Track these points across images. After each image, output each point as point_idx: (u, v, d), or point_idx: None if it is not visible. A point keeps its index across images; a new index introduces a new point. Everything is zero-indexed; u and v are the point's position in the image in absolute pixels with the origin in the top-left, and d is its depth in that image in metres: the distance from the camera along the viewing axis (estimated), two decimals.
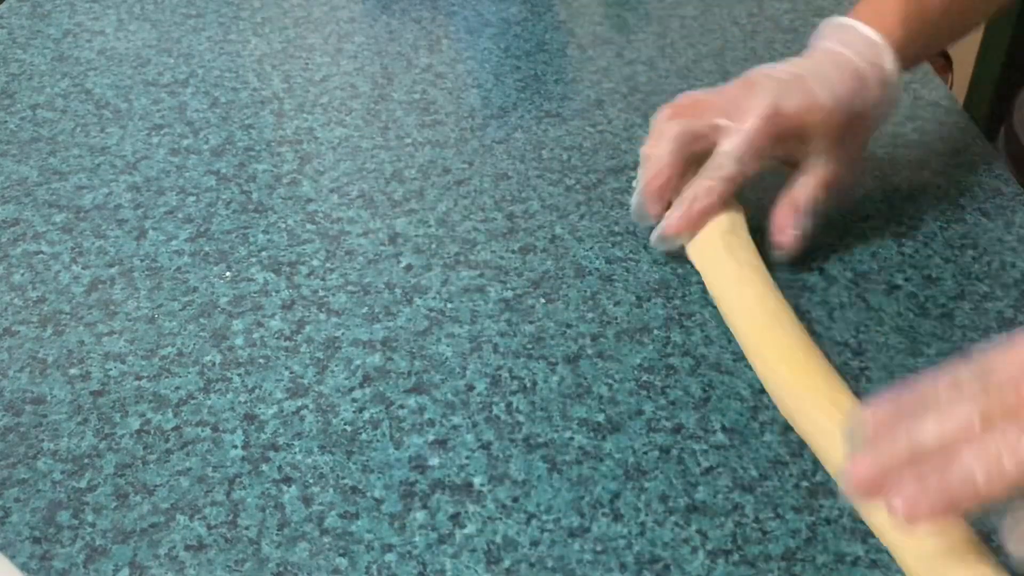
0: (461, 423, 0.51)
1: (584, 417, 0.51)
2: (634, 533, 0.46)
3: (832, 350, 0.55)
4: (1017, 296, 0.58)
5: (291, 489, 0.48)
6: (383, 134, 0.74)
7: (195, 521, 0.46)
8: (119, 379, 0.53)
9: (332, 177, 0.69)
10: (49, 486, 0.48)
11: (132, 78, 0.81)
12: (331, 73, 0.81)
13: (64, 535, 0.45)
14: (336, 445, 0.50)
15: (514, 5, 0.92)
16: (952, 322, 0.57)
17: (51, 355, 0.55)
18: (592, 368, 0.54)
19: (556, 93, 0.78)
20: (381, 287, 0.60)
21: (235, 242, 0.63)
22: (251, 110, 0.77)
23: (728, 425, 0.51)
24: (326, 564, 0.44)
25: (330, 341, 0.56)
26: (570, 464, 0.49)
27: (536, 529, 0.46)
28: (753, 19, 0.89)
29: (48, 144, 0.73)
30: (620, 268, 0.61)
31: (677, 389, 0.53)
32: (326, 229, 0.64)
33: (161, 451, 0.49)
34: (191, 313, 0.58)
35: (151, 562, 0.44)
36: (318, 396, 0.53)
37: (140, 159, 0.71)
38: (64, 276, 0.60)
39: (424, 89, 0.79)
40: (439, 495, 0.47)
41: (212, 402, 0.52)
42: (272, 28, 0.88)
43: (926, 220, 0.65)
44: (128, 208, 0.66)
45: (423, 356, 0.55)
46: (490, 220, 0.65)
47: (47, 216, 0.65)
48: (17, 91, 0.79)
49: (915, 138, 0.73)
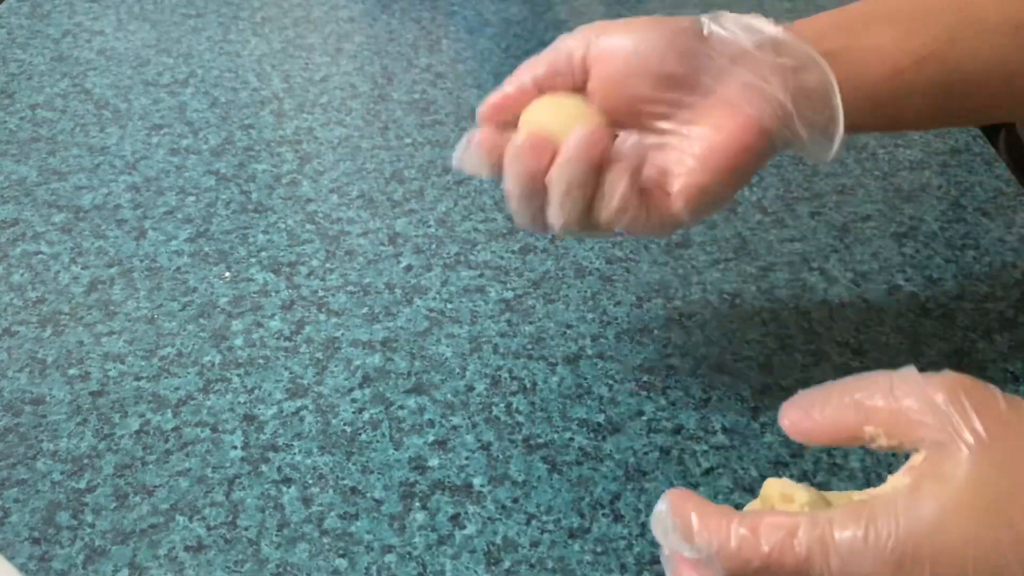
0: (461, 424, 0.51)
1: (584, 418, 0.51)
2: (634, 534, 0.46)
3: (833, 350, 0.55)
4: (1018, 296, 0.58)
5: (291, 490, 0.48)
6: (383, 134, 0.74)
7: (195, 522, 0.46)
8: (118, 379, 0.53)
9: (332, 177, 0.69)
10: (48, 487, 0.48)
11: (131, 78, 0.80)
12: (331, 73, 0.81)
13: (63, 536, 0.45)
14: (336, 446, 0.50)
15: (514, 5, 0.92)
16: (953, 322, 0.57)
17: (50, 355, 0.55)
18: (592, 368, 0.54)
19: None
20: (381, 287, 0.60)
21: (235, 242, 0.63)
22: (251, 110, 0.76)
23: (728, 426, 0.51)
24: (326, 565, 0.44)
25: (330, 341, 0.56)
26: (570, 465, 0.49)
27: (536, 530, 0.46)
28: None
29: (47, 144, 0.72)
30: (620, 268, 0.61)
31: (677, 390, 0.53)
32: (326, 229, 0.64)
33: (160, 452, 0.49)
34: (190, 313, 0.58)
35: (150, 563, 0.44)
36: (318, 397, 0.52)
37: (139, 159, 0.71)
38: (63, 276, 0.60)
39: (424, 89, 0.79)
40: (439, 496, 0.47)
41: (211, 403, 0.52)
42: (272, 28, 0.88)
43: (927, 220, 0.65)
44: (127, 208, 0.66)
45: (423, 356, 0.55)
46: (490, 220, 0.65)
47: (46, 216, 0.65)
48: (16, 91, 0.79)
49: (915, 138, 0.73)
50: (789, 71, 0.43)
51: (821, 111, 0.44)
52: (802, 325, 0.56)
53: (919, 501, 0.31)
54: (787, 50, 0.43)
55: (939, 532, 0.30)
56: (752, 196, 0.67)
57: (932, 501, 0.31)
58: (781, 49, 0.43)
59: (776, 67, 0.43)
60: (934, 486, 0.31)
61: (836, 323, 0.56)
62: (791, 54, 0.43)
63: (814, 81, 0.43)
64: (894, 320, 0.57)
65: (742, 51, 0.43)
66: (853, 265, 0.61)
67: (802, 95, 0.43)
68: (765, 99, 0.43)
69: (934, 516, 0.31)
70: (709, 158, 0.43)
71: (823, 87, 0.43)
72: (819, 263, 0.61)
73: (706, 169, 0.43)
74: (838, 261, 0.61)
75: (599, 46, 0.44)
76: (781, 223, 0.64)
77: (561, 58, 0.45)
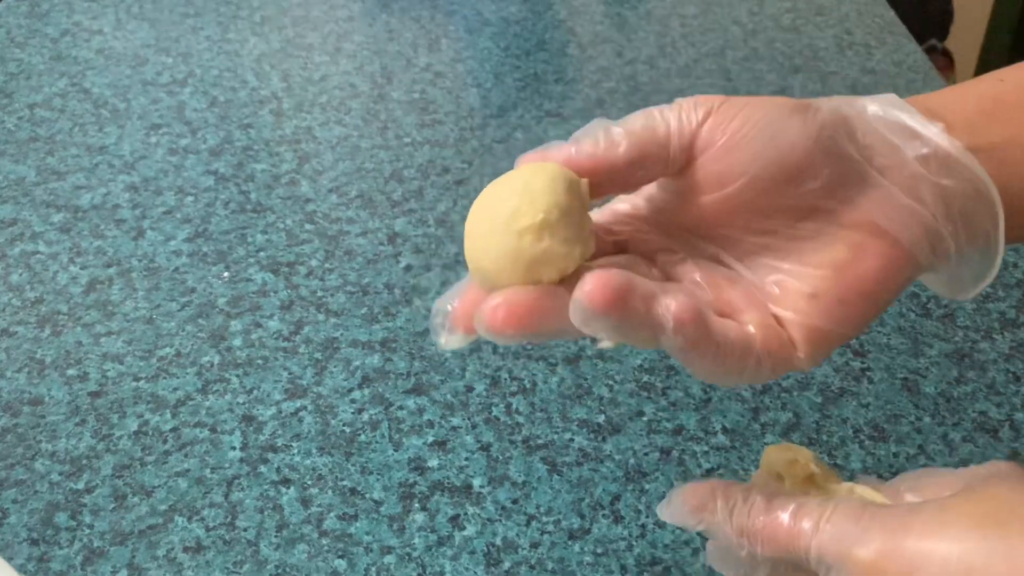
0: (460, 424, 0.51)
1: (584, 418, 0.51)
2: (635, 535, 0.45)
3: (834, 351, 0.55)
4: (1019, 296, 0.58)
5: (290, 490, 0.47)
6: (382, 134, 0.73)
7: (193, 522, 0.46)
8: (117, 380, 0.53)
9: (331, 177, 0.69)
10: (47, 487, 0.48)
11: (130, 77, 0.80)
12: (330, 72, 0.81)
13: (62, 536, 0.45)
14: (335, 446, 0.50)
15: (514, 4, 0.92)
16: (954, 323, 0.56)
17: (49, 356, 0.55)
18: (592, 369, 0.54)
19: (556, 93, 0.78)
20: (380, 287, 0.59)
21: (233, 242, 0.63)
22: (249, 109, 0.76)
23: (729, 426, 0.50)
24: (325, 566, 0.44)
25: (329, 342, 0.56)
26: (570, 465, 0.49)
27: (536, 531, 0.46)
28: (754, 18, 0.88)
29: (46, 144, 0.72)
30: None
31: (678, 390, 0.53)
32: (325, 229, 0.64)
33: (159, 452, 0.49)
34: (189, 314, 0.57)
35: (149, 563, 0.44)
36: (317, 397, 0.52)
37: (138, 159, 0.71)
38: (62, 276, 0.60)
39: (423, 88, 0.79)
40: (438, 496, 0.47)
41: (210, 403, 0.52)
42: (271, 27, 0.88)
43: None
44: (126, 208, 0.66)
45: (422, 357, 0.55)
46: None
47: (45, 216, 0.65)
48: (15, 90, 0.79)
49: None
50: (954, 196, 0.33)
51: (976, 240, 0.34)
52: None
53: (921, 506, 0.30)
54: (957, 170, 0.33)
55: (933, 532, 0.29)
56: None
57: (933, 506, 0.30)
58: (951, 168, 0.33)
59: (937, 188, 0.33)
60: (937, 502, 0.30)
61: None
62: (960, 175, 0.33)
63: (982, 211, 0.33)
64: (895, 320, 0.57)
65: (900, 163, 0.33)
66: None
67: (963, 222, 0.33)
68: (919, 223, 0.33)
69: (932, 515, 0.29)
70: (839, 292, 0.33)
71: (990, 216, 0.33)
72: None
73: (832, 308, 0.33)
74: None
75: (716, 127, 0.32)
76: None
77: (658, 136, 0.32)
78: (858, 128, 0.33)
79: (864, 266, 0.33)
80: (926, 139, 0.33)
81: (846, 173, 0.33)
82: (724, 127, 0.32)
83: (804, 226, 0.33)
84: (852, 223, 0.33)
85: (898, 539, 0.29)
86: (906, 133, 0.33)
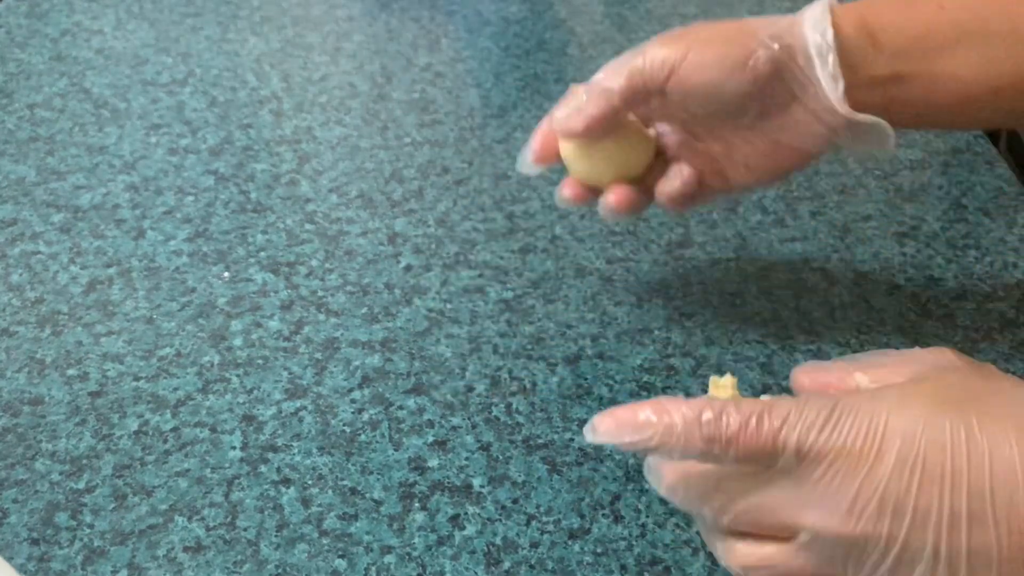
0: (461, 424, 0.51)
1: (584, 418, 0.51)
2: (635, 535, 0.45)
3: (833, 351, 0.55)
4: (1019, 297, 0.58)
5: (290, 490, 0.47)
6: (382, 134, 0.73)
7: (194, 522, 0.46)
8: (117, 380, 0.53)
9: (331, 177, 0.69)
10: (47, 487, 0.48)
11: (130, 77, 0.80)
12: (330, 72, 0.81)
13: (62, 536, 0.45)
14: (335, 446, 0.50)
15: (514, 4, 0.92)
16: (954, 323, 0.56)
17: (49, 356, 0.55)
18: (592, 369, 0.54)
19: (556, 93, 0.78)
20: (380, 287, 0.59)
21: (233, 242, 0.63)
22: (249, 109, 0.76)
23: None
24: (325, 566, 0.44)
25: (329, 342, 0.56)
26: (570, 465, 0.49)
27: (536, 531, 0.46)
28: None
29: (46, 144, 0.72)
30: (620, 268, 0.61)
31: (678, 390, 0.53)
32: (325, 229, 0.64)
33: (159, 452, 0.49)
34: (189, 313, 0.57)
35: (149, 563, 0.44)
36: (317, 397, 0.52)
37: (138, 159, 0.71)
38: (62, 276, 0.60)
39: (423, 88, 0.79)
40: (438, 496, 0.47)
41: (211, 403, 0.52)
42: (271, 27, 0.88)
43: (928, 220, 0.64)
44: (126, 208, 0.66)
45: (422, 357, 0.55)
46: (490, 220, 0.65)
47: (45, 216, 0.65)
48: (15, 90, 0.79)
49: (916, 137, 0.73)
50: (857, 125, 0.47)
51: (871, 138, 0.48)
52: (802, 325, 0.56)
53: (882, 390, 0.34)
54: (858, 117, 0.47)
55: (898, 411, 0.33)
56: (752, 196, 0.67)
57: (893, 390, 0.34)
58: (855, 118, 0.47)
59: (840, 119, 0.47)
60: (896, 387, 0.35)
61: (837, 323, 0.56)
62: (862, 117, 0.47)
63: (877, 130, 0.47)
64: (895, 320, 0.57)
65: (814, 95, 0.47)
66: (854, 265, 0.61)
67: (859, 130, 0.47)
68: (823, 140, 0.48)
69: (895, 398, 0.33)
70: (756, 171, 0.50)
71: (882, 132, 0.47)
72: (820, 263, 0.61)
73: (751, 178, 0.51)
74: (839, 261, 0.61)
75: (690, 62, 0.47)
76: (782, 223, 0.64)
77: (654, 68, 0.48)
78: (792, 68, 0.46)
79: (774, 162, 0.50)
80: (838, 98, 0.46)
81: (767, 110, 0.48)
82: (684, 87, 0.47)
83: (741, 133, 0.49)
84: (772, 137, 0.49)
85: (870, 422, 0.33)
86: (828, 76, 0.46)
